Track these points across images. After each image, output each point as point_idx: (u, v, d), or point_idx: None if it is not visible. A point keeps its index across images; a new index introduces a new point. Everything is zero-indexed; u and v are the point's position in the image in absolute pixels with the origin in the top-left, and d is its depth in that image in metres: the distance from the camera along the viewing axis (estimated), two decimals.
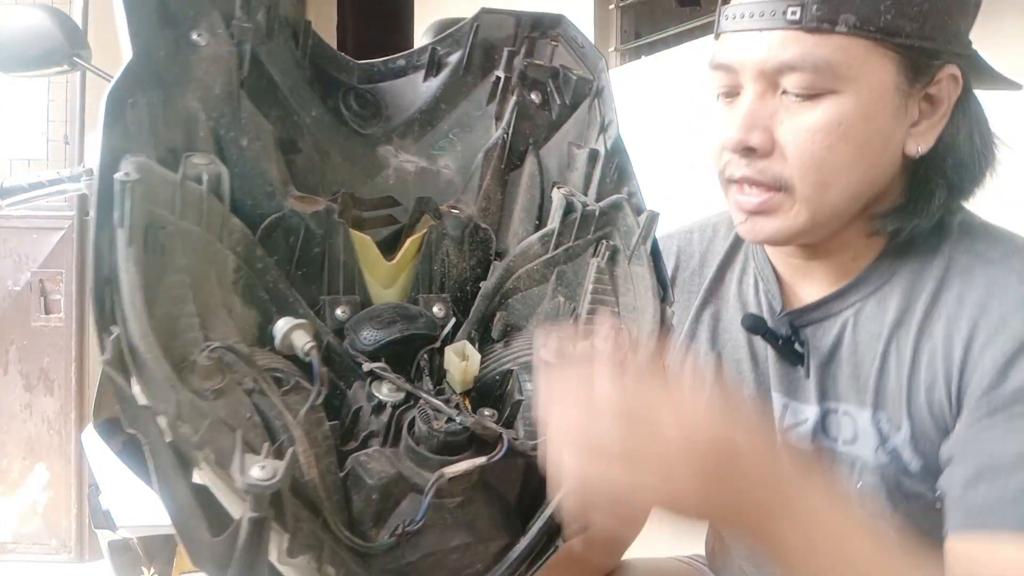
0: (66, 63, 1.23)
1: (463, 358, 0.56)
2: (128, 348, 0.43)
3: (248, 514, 0.42)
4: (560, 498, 0.51)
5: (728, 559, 0.95)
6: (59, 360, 2.69)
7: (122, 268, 0.43)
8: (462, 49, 0.63)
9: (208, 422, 0.44)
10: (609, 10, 2.51)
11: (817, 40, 0.65)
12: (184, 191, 0.47)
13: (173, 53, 0.50)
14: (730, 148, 0.70)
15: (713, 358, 0.88)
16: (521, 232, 0.63)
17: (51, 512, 2.68)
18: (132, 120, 0.47)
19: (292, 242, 0.54)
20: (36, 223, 2.68)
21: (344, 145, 0.60)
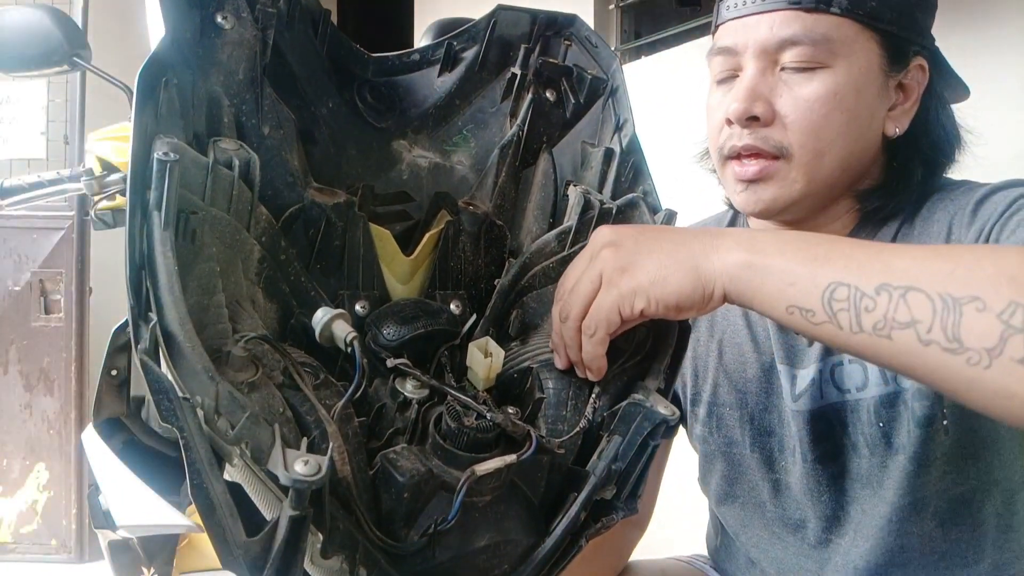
0: (66, 63, 1.23)
1: (487, 355, 0.55)
2: (164, 337, 0.41)
3: (288, 512, 0.40)
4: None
5: (732, 552, 0.95)
6: (59, 360, 2.69)
7: (158, 252, 0.42)
8: (478, 45, 0.62)
9: (247, 415, 0.42)
10: (609, 10, 2.50)
11: (815, 18, 0.72)
12: (215, 176, 0.46)
13: (198, 35, 0.49)
14: (734, 118, 0.75)
15: (716, 346, 0.89)
16: (535, 230, 0.63)
17: (51, 512, 2.68)
18: (164, 100, 0.46)
19: (312, 234, 0.53)
20: (36, 223, 2.68)
21: (359, 138, 0.60)
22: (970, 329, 0.46)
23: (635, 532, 0.99)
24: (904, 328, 0.47)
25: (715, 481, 0.92)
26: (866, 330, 0.49)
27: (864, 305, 0.49)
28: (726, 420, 0.88)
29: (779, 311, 0.52)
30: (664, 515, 1.03)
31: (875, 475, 0.78)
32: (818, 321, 0.51)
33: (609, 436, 0.55)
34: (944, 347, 0.46)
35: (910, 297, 0.47)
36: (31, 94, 2.76)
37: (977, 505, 0.76)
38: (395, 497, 0.47)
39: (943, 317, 0.46)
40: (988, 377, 0.45)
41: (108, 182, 1.20)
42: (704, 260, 0.54)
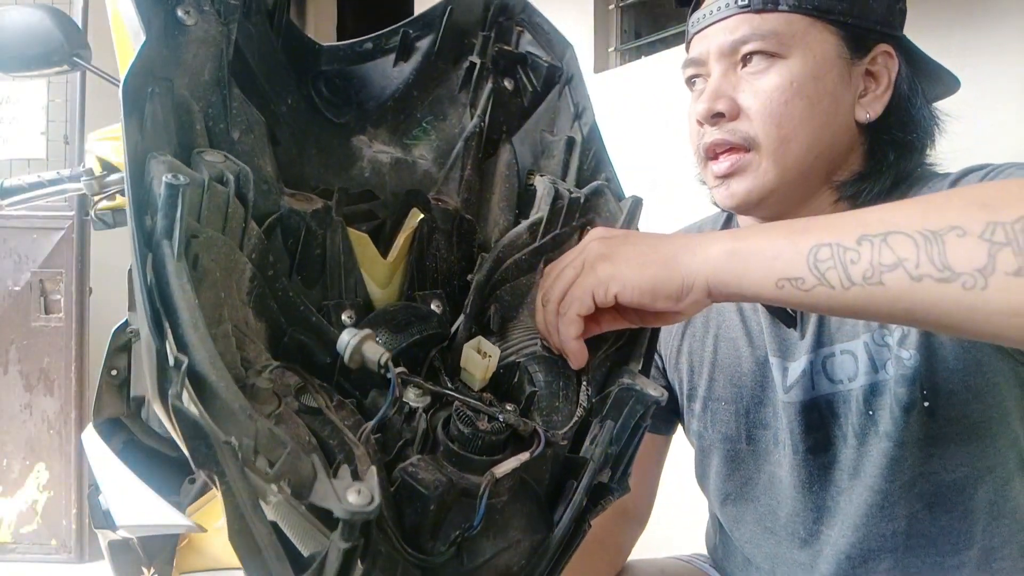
0: (66, 63, 1.23)
1: (484, 355, 0.55)
2: (194, 379, 0.38)
3: (339, 544, 0.39)
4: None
5: (730, 551, 0.96)
6: (59, 360, 2.69)
7: (175, 287, 0.39)
8: (433, 33, 0.61)
9: (287, 451, 0.40)
10: (609, 10, 2.50)
11: (762, 17, 0.78)
12: (211, 194, 0.43)
13: (161, 35, 0.45)
14: (701, 118, 0.80)
15: (711, 341, 0.89)
16: (502, 222, 0.62)
17: (51, 512, 2.68)
18: (148, 113, 0.43)
19: (291, 244, 0.50)
20: (36, 223, 2.69)
21: (319, 136, 0.57)
22: (956, 254, 0.46)
23: (635, 529, 1.00)
24: (893, 269, 0.48)
25: (712, 476, 0.92)
26: (857, 282, 0.49)
27: (849, 258, 0.50)
28: (721, 415, 0.89)
29: (769, 288, 0.53)
30: (664, 514, 1.03)
31: (862, 463, 0.79)
32: (809, 287, 0.51)
33: (602, 421, 0.55)
34: (937, 278, 0.47)
35: (891, 240, 0.49)
36: (31, 94, 2.76)
37: (969, 492, 0.77)
38: (420, 511, 0.46)
39: (927, 250, 0.47)
40: (987, 298, 0.46)
41: (108, 182, 1.20)
42: (685, 254, 0.55)
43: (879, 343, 0.78)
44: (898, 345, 0.77)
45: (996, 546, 0.78)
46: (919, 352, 0.75)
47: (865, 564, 0.80)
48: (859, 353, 0.79)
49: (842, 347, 0.80)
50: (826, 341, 0.81)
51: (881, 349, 0.78)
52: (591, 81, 2.47)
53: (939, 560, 0.78)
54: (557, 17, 2.60)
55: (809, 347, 0.81)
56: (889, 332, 0.78)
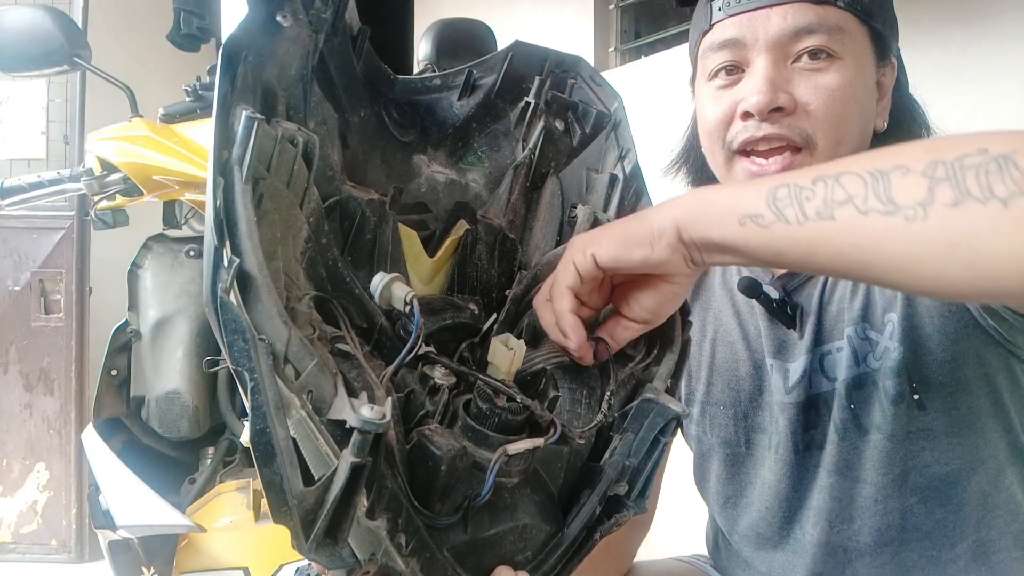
0: (66, 63, 1.23)
1: (509, 348, 0.58)
2: (242, 279, 0.42)
3: (349, 459, 0.41)
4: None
5: (730, 553, 0.96)
6: (59, 360, 2.69)
7: (239, 204, 0.44)
8: (495, 74, 0.67)
9: (314, 363, 0.43)
10: (609, 10, 2.51)
11: (825, 9, 0.74)
12: (281, 148, 0.48)
13: (261, 26, 0.52)
14: (756, 110, 0.74)
15: (708, 345, 0.90)
16: (543, 246, 0.66)
17: (51, 512, 2.68)
18: (240, 73, 0.48)
19: (346, 227, 0.55)
20: (36, 223, 2.69)
21: (384, 148, 0.63)
22: (900, 189, 0.49)
23: (640, 532, 1.00)
24: (843, 205, 0.51)
25: (711, 480, 0.92)
26: (811, 217, 0.52)
27: (804, 196, 0.52)
28: (720, 419, 0.89)
29: (732, 228, 0.54)
30: (664, 515, 1.03)
31: (854, 458, 0.79)
32: (768, 223, 0.53)
33: (622, 433, 0.58)
34: (881, 211, 0.49)
35: (843, 179, 0.51)
36: (31, 94, 2.77)
37: (962, 484, 0.77)
38: (431, 471, 0.48)
39: (874, 186, 0.50)
40: (926, 228, 0.48)
41: (108, 182, 1.20)
42: (655, 212, 0.58)
43: (861, 336, 0.78)
44: (878, 336, 0.77)
45: (992, 538, 0.78)
46: (903, 344, 0.76)
47: (861, 559, 0.80)
48: (846, 348, 0.79)
49: (836, 344, 0.80)
50: (822, 339, 0.81)
51: (863, 342, 0.78)
52: None
53: (935, 554, 0.78)
54: (557, 17, 2.61)
55: (807, 346, 0.82)
56: (871, 324, 0.78)
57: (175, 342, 1.20)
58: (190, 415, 1.18)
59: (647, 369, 0.62)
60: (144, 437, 1.23)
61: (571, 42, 2.51)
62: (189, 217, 1.32)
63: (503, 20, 2.58)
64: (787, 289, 0.83)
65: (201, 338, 1.20)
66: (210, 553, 1.04)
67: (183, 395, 1.18)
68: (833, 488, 0.80)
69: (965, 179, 0.47)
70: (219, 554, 1.04)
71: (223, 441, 1.22)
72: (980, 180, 0.47)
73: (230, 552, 1.04)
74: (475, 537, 0.51)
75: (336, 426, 0.44)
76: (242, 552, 1.03)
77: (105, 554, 1.17)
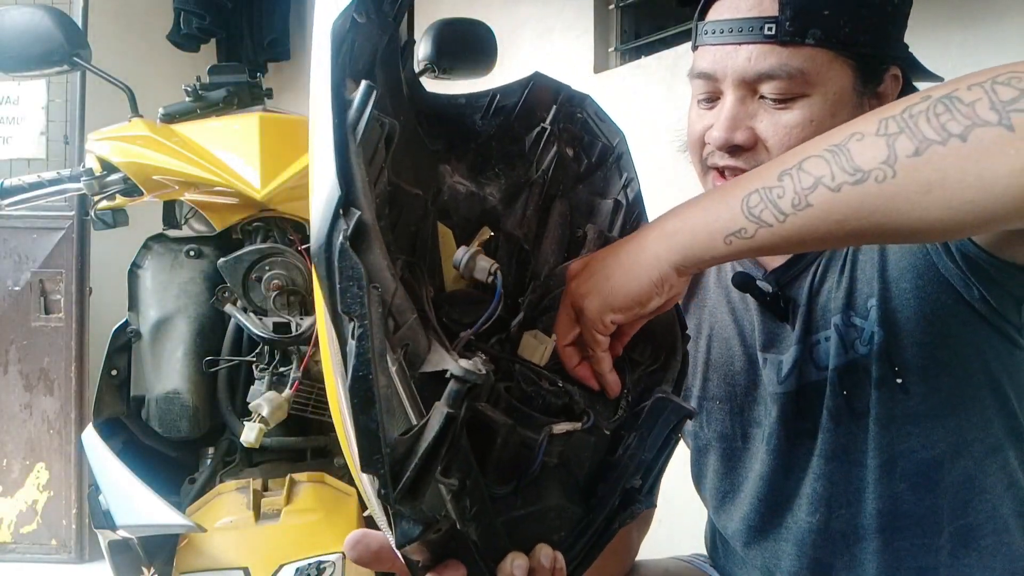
0: (66, 63, 1.23)
1: (540, 342, 0.61)
2: (358, 230, 0.44)
3: (443, 409, 0.43)
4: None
5: (728, 550, 0.96)
6: (59, 360, 2.69)
7: (354, 164, 0.47)
8: (516, 100, 0.72)
9: (414, 318, 0.46)
10: (609, 10, 2.50)
11: (790, 51, 0.74)
12: (368, 126, 0.50)
13: (350, 31, 0.55)
14: (716, 146, 0.78)
15: (704, 342, 0.92)
16: (552, 261, 0.70)
17: (51, 512, 2.68)
18: (346, 51, 0.52)
19: (394, 215, 0.57)
20: (36, 223, 2.69)
21: (416, 154, 0.67)
22: (862, 156, 0.51)
23: (642, 530, 1.01)
24: (814, 189, 0.52)
25: (709, 475, 0.93)
26: (788, 212, 0.53)
27: (776, 195, 0.54)
28: (716, 414, 0.91)
29: (721, 247, 0.56)
30: (664, 515, 1.03)
31: (847, 444, 0.80)
32: (752, 233, 0.55)
33: (637, 430, 0.61)
34: (852, 182, 0.51)
35: (805, 165, 0.53)
36: (31, 94, 2.77)
37: (947, 467, 0.78)
38: (487, 442, 0.51)
39: (836, 162, 0.51)
40: (899, 183, 0.49)
41: (108, 182, 1.20)
42: (644, 256, 0.59)
43: (847, 323, 0.80)
44: (863, 322, 0.78)
45: (979, 522, 0.79)
46: (882, 327, 0.77)
47: (858, 544, 0.81)
48: (833, 336, 0.80)
49: (824, 334, 0.82)
50: (811, 329, 0.83)
51: (849, 329, 0.80)
52: (591, 81, 2.47)
53: (926, 541, 0.79)
54: (557, 17, 2.62)
55: (797, 337, 0.83)
56: (855, 312, 0.79)
57: (175, 342, 1.20)
58: (190, 415, 1.18)
59: (654, 375, 0.66)
60: (144, 437, 1.23)
61: (571, 42, 2.51)
62: (189, 217, 1.32)
63: (503, 20, 2.58)
64: (780, 283, 0.84)
65: (201, 338, 1.21)
66: (210, 553, 1.04)
67: (183, 395, 1.18)
68: (832, 473, 0.81)
69: (918, 126, 0.49)
70: (219, 554, 1.04)
71: (223, 441, 1.22)
72: (932, 123, 0.48)
73: (230, 552, 1.04)
74: (523, 512, 0.53)
75: (426, 382, 0.46)
76: (242, 552, 1.03)
77: (105, 554, 1.17)
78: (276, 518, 1.07)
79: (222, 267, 1.16)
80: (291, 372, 1.15)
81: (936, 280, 0.75)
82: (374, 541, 0.52)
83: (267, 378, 1.14)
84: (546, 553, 0.53)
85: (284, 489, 1.10)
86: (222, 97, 1.32)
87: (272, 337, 1.13)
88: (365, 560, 0.53)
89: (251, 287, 1.17)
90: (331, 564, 1.02)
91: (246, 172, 1.14)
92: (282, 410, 1.09)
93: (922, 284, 0.76)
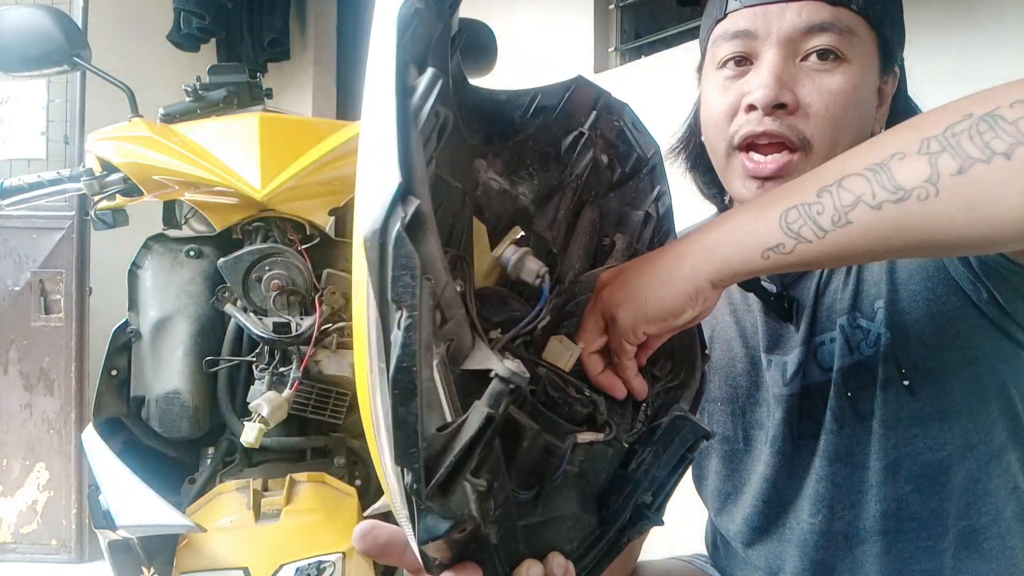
0: (66, 63, 1.23)
1: (566, 349, 0.61)
2: (415, 219, 0.44)
3: (483, 409, 0.43)
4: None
5: (729, 551, 0.96)
6: (59, 360, 2.69)
7: (415, 153, 0.46)
8: (556, 101, 0.72)
9: (461, 313, 0.46)
10: (609, 10, 2.51)
11: (839, 10, 0.75)
12: (427, 116, 0.50)
13: (414, 16, 0.55)
14: (761, 103, 0.75)
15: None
16: (578, 267, 0.70)
17: (51, 512, 2.68)
18: (409, 36, 0.51)
19: (432, 206, 0.57)
20: (36, 223, 2.69)
21: (455, 146, 0.66)
22: (903, 175, 0.51)
23: (643, 535, 1.01)
24: (855, 207, 0.53)
25: (710, 478, 0.93)
26: (828, 229, 0.54)
27: (815, 211, 0.54)
28: (718, 415, 0.90)
29: (758, 262, 0.57)
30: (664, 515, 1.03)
31: (851, 445, 0.80)
32: (790, 248, 0.55)
33: (653, 446, 0.61)
34: (894, 200, 0.51)
35: (845, 183, 0.53)
36: (31, 94, 2.77)
37: (954, 470, 0.77)
38: (511, 446, 0.50)
39: (878, 180, 0.52)
40: (942, 202, 0.50)
41: (108, 182, 1.20)
42: (682, 268, 0.60)
43: (853, 325, 0.79)
44: (869, 323, 0.78)
45: (983, 524, 0.79)
46: (889, 329, 0.77)
47: (860, 546, 0.81)
48: (839, 337, 0.80)
49: (829, 335, 0.81)
50: (816, 330, 0.82)
51: (855, 331, 0.79)
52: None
53: (930, 544, 0.79)
54: (557, 17, 2.62)
55: (802, 338, 0.83)
56: (861, 313, 0.79)
57: (175, 342, 1.20)
58: (190, 415, 1.18)
59: (671, 391, 0.66)
60: (144, 437, 1.23)
61: (571, 42, 2.51)
62: (189, 217, 1.32)
63: (503, 20, 2.58)
64: (785, 283, 0.84)
65: (201, 338, 1.21)
66: (210, 553, 1.04)
67: (183, 395, 1.18)
68: (835, 475, 0.81)
69: (961, 145, 0.49)
70: (219, 554, 1.04)
71: (223, 441, 1.22)
72: (976, 141, 0.49)
73: (230, 552, 1.04)
74: (544, 518, 0.53)
75: (466, 380, 0.46)
76: (242, 552, 1.04)
77: (105, 554, 1.17)
78: (276, 518, 1.07)
79: (222, 267, 1.16)
80: (291, 372, 1.15)
81: (945, 282, 0.75)
82: (382, 534, 0.52)
83: (267, 378, 1.15)
84: (559, 562, 0.53)
85: (284, 489, 1.10)
86: (222, 97, 1.32)
87: (272, 337, 1.13)
88: (373, 552, 0.53)
89: (251, 287, 1.17)
90: (331, 564, 1.02)
91: (246, 172, 1.14)
92: (282, 410, 1.10)
93: (931, 286, 0.76)
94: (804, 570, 0.84)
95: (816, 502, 0.83)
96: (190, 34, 3.52)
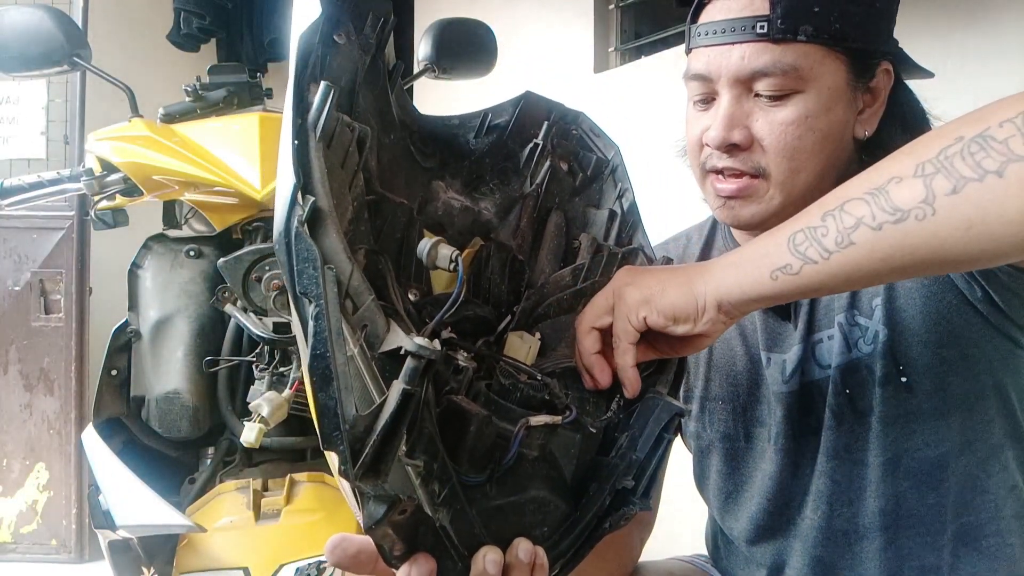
0: (66, 63, 1.23)
1: (524, 342, 0.63)
2: (315, 213, 0.47)
3: (401, 386, 0.44)
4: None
5: (730, 550, 0.96)
6: (59, 360, 2.69)
7: (313, 157, 0.49)
8: (507, 118, 0.75)
9: (371, 299, 0.48)
10: (609, 10, 2.51)
11: (782, 48, 0.76)
12: (340, 129, 0.53)
13: (324, 40, 0.58)
14: (713, 145, 0.79)
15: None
16: (547, 271, 0.72)
17: (51, 512, 2.68)
18: (314, 61, 0.55)
19: (379, 224, 0.60)
20: (36, 223, 2.69)
21: (408, 171, 0.70)
22: (900, 197, 0.54)
23: (644, 532, 1.01)
24: (856, 228, 0.55)
25: (712, 476, 0.93)
26: (832, 249, 0.56)
27: (820, 233, 0.57)
28: (719, 414, 0.91)
29: (767, 283, 0.59)
30: (665, 514, 1.03)
31: (849, 442, 0.81)
32: (797, 269, 0.58)
33: (629, 430, 0.62)
34: (893, 221, 0.54)
35: (847, 207, 0.56)
36: (31, 94, 2.77)
37: (951, 467, 0.78)
38: (460, 432, 0.52)
39: (877, 203, 0.55)
40: (939, 221, 0.52)
41: (108, 182, 1.20)
42: (697, 280, 0.63)
43: (851, 322, 0.81)
44: (867, 321, 0.79)
45: (982, 521, 0.79)
46: (887, 326, 0.78)
47: (860, 543, 0.81)
48: (837, 334, 0.81)
49: (827, 332, 0.82)
50: (814, 328, 0.83)
51: (853, 328, 0.80)
52: (591, 81, 2.47)
53: (929, 540, 0.79)
54: (557, 17, 2.61)
55: (800, 336, 0.84)
56: (859, 311, 0.80)
57: (175, 342, 1.20)
58: (190, 415, 1.18)
59: (648, 378, 0.67)
60: (144, 437, 1.23)
61: (571, 42, 2.51)
62: (189, 217, 1.32)
63: (503, 20, 2.58)
64: None
65: (201, 338, 1.20)
66: (210, 553, 1.04)
67: (183, 395, 1.18)
68: (834, 472, 0.82)
69: (954, 166, 0.51)
70: (219, 554, 1.04)
71: (223, 441, 1.22)
72: (968, 162, 0.51)
73: (230, 552, 1.04)
74: (499, 502, 0.54)
75: (386, 362, 0.48)
76: (242, 552, 1.04)
77: (105, 554, 1.17)
78: (276, 518, 1.07)
79: (222, 267, 1.16)
80: (291, 372, 1.15)
81: (941, 280, 0.76)
82: (352, 545, 0.52)
83: (267, 378, 1.14)
84: (525, 548, 0.53)
85: (284, 489, 1.10)
86: (222, 97, 1.32)
87: (272, 337, 1.13)
88: (344, 564, 0.52)
89: (251, 287, 1.17)
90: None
91: (246, 172, 1.14)
92: (282, 410, 1.10)
93: (927, 283, 0.77)
94: (805, 566, 0.85)
95: (817, 498, 0.83)
96: (190, 34, 3.52)
